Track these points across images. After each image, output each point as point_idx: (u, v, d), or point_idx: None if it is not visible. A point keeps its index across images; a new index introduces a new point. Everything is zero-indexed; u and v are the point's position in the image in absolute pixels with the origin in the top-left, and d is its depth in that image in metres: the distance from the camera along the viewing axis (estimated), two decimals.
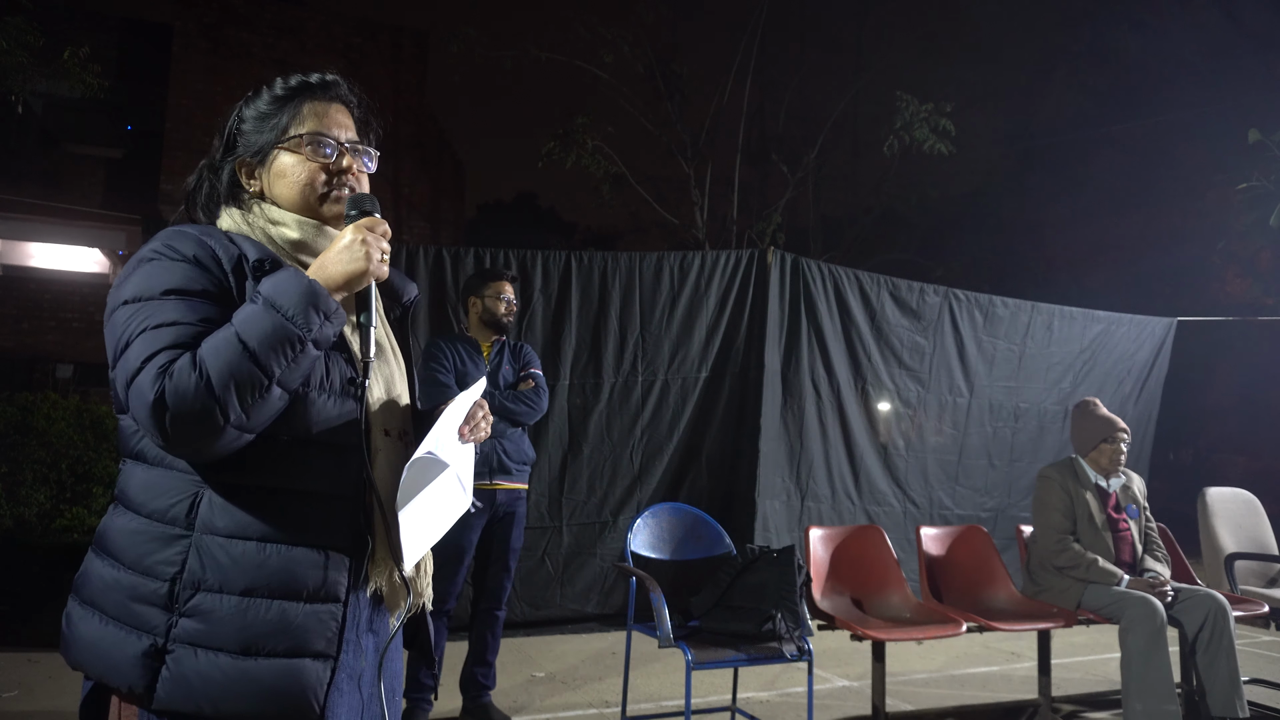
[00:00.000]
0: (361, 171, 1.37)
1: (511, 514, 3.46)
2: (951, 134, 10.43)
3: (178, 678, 1.11)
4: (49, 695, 3.51)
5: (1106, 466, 3.80)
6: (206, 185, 1.37)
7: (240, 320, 1.12)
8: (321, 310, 1.16)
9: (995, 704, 3.98)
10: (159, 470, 1.18)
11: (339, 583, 1.21)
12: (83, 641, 1.16)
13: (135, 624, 1.13)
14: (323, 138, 1.32)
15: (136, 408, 1.09)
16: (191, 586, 1.13)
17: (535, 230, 22.76)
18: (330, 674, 1.18)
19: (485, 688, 3.44)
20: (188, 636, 1.12)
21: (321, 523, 1.20)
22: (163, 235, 1.22)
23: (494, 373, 3.46)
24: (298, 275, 1.18)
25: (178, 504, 1.16)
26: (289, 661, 1.15)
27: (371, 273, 1.22)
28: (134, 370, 1.09)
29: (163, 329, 1.12)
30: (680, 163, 12.12)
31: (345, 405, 1.24)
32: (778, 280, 5.49)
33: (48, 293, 11.05)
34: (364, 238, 1.22)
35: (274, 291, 1.15)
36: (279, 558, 1.16)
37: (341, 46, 12.35)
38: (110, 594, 1.15)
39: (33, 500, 5.40)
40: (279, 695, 1.14)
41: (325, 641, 1.18)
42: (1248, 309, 11.31)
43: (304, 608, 1.17)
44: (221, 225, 1.32)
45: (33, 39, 6.84)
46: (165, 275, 1.17)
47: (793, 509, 5.46)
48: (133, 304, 1.15)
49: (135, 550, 1.15)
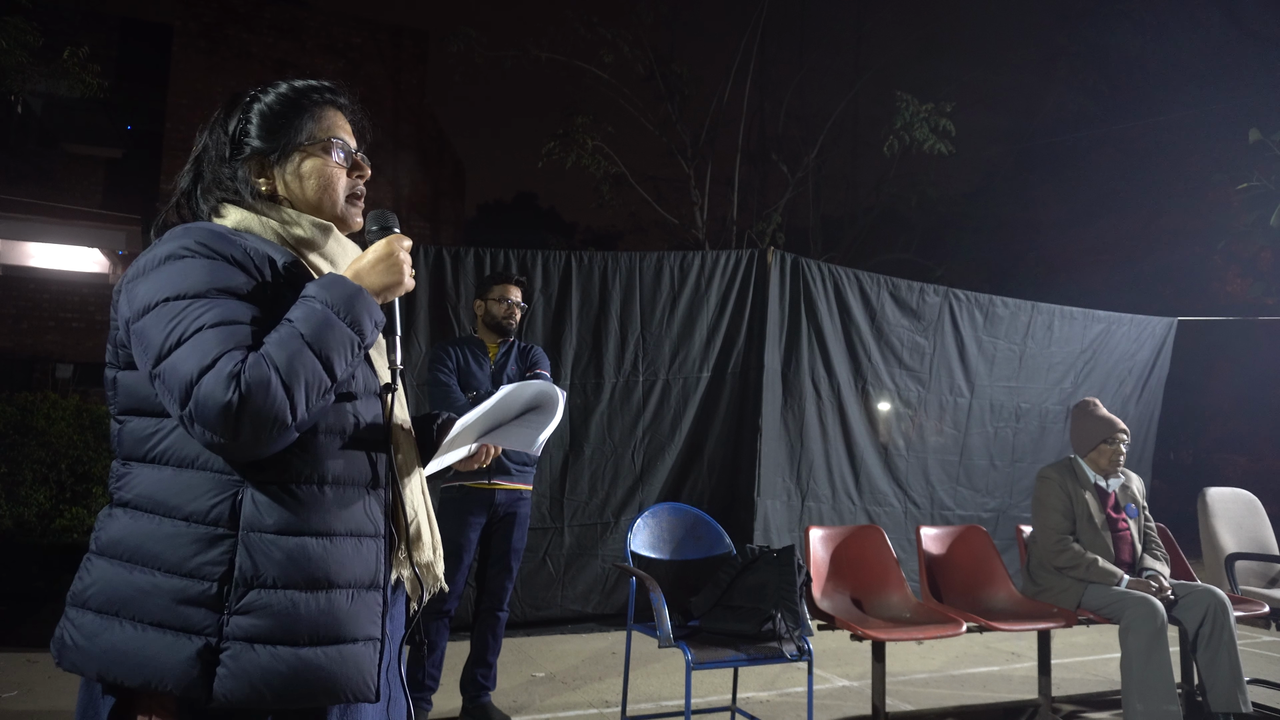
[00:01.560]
0: (365, 177, 1.44)
1: (513, 515, 3.46)
2: (951, 134, 10.43)
3: (237, 674, 1.13)
4: (49, 695, 3.51)
5: (1106, 467, 3.80)
6: (207, 182, 1.36)
7: (301, 321, 1.16)
8: (373, 318, 1.23)
9: (995, 704, 3.98)
10: (190, 473, 1.17)
11: (378, 569, 1.27)
12: (114, 651, 1.13)
13: (183, 626, 1.13)
14: (344, 144, 1.39)
15: (205, 410, 1.08)
16: (243, 584, 1.15)
17: (535, 230, 22.73)
18: (380, 656, 1.24)
19: (485, 688, 3.44)
20: (244, 633, 1.14)
21: (358, 514, 1.25)
22: (191, 232, 1.21)
23: (498, 373, 3.47)
24: (346, 281, 1.24)
25: (219, 504, 1.16)
26: (345, 647, 1.20)
27: (405, 285, 1.31)
28: (195, 372, 1.09)
29: (220, 328, 1.12)
30: (680, 163, 12.12)
31: (371, 402, 1.30)
32: (778, 280, 5.48)
33: (47, 293, 11.04)
34: (400, 253, 1.31)
35: (331, 296, 1.20)
36: (323, 549, 1.20)
37: (341, 46, 12.34)
38: (148, 600, 1.14)
39: (32, 500, 5.40)
40: (341, 681, 1.19)
41: (374, 626, 1.24)
42: (1248, 309, 11.29)
43: (350, 595, 1.22)
44: (226, 223, 1.32)
45: (32, 39, 6.84)
46: (208, 273, 1.17)
47: (793, 509, 5.46)
48: (176, 301, 1.14)
49: (176, 554, 1.15)
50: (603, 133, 11.39)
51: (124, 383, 1.22)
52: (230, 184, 1.34)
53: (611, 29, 11.60)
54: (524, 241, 17.41)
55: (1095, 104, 16.19)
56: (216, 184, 1.35)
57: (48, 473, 5.49)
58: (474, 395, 3.31)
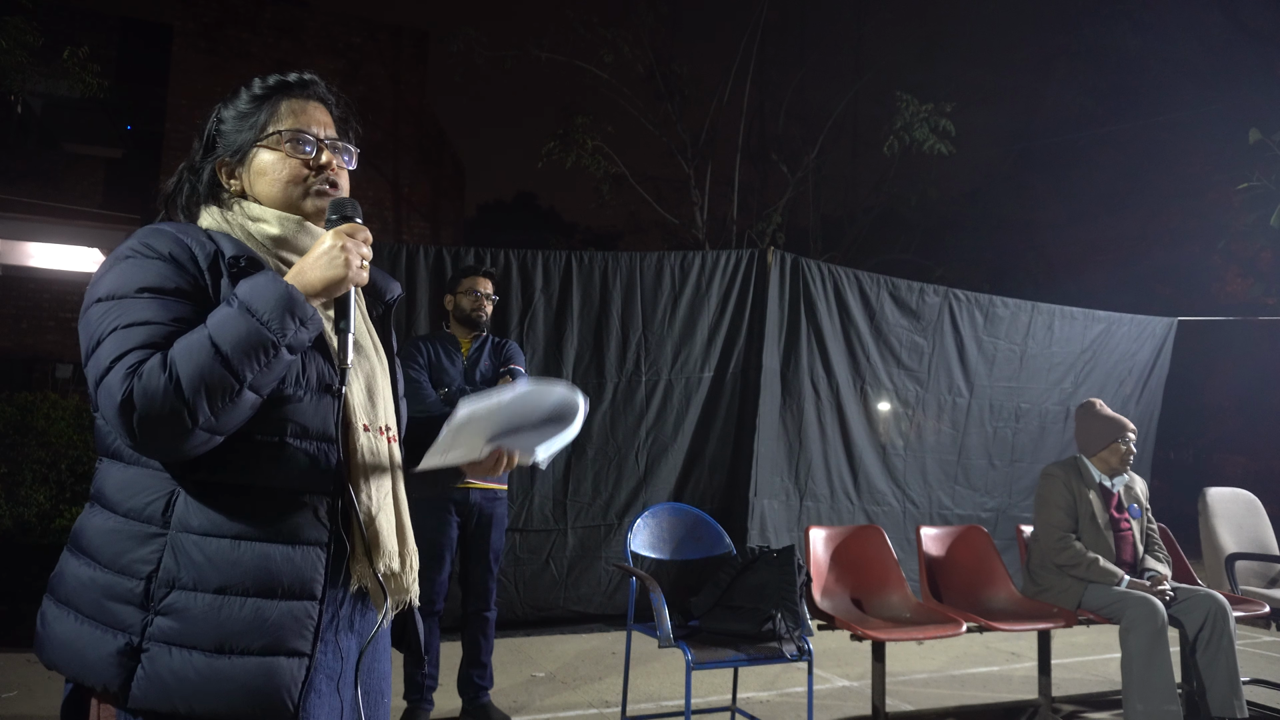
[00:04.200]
0: (342, 168, 1.37)
1: (489, 516, 3.42)
2: (951, 134, 10.42)
3: (152, 676, 1.11)
4: (49, 695, 3.51)
5: (1116, 466, 3.80)
6: (187, 186, 1.37)
7: (214, 323, 1.12)
8: (298, 316, 1.16)
9: (995, 704, 3.98)
10: (135, 469, 1.18)
11: (315, 580, 1.19)
12: (58, 640, 1.16)
13: (111, 623, 1.13)
14: (302, 134, 1.33)
15: (105, 407, 1.09)
16: (166, 585, 1.13)
17: (535, 230, 22.71)
18: (305, 673, 1.17)
19: (483, 688, 3.43)
20: (163, 635, 1.12)
21: (297, 519, 1.19)
22: (140, 233, 1.22)
23: (470, 368, 3.44)
24: (275, 279, 1.18)
25: (153, 502, 1.15)
26: (264, 659, 1.14)
27: (350, 279, 1.23)
28: (104, 369, 1.09)
29: (134, 328, 1.11)
30: (680, 163, 12.11)
31: (322, 403, 1.23)
32: (777, 280, 5.48)
33: (47, 293, 11.04)
34: (344, 244, 1.23)
35: (250, 295, 1.14)
36: (253, 555, 1.15)
37: (341, 46, 12.33)
38: (86, 592, 1.15)
39: (32, 500, 5.40)
40: (253, 694, 1.12)
41: (301, 639, 1.17)
42: (1248, 309, 11.29)
43: (279, 605, 1.16)
44: (201, 224, 1.32)
45: (32, 39, 6.84)
46: (140, 273, 1.17)
47: (791, 509, 5.46)
48: (106, 301, 1.15)
49: (111, 549, 1.15)
50: (603, 133, 11.38)
51: None
52: (197, 185, 1.35)
53: (611, 29, 11.60)
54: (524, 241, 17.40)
55: (1095, 104, 16.19)
56: (193, 184, 1.36)
57: (48, 473, 5.49)
58: (445, 392, 3.30)
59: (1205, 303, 12.32)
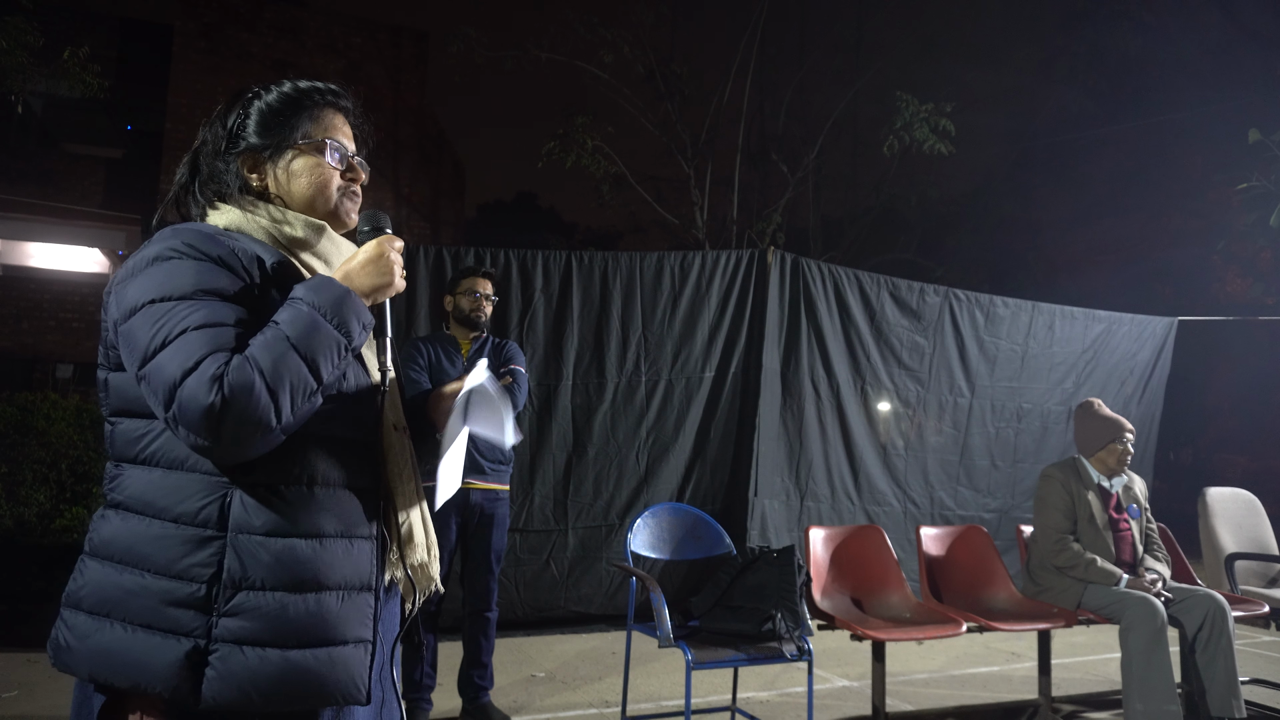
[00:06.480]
0: (362, 181, 1.44)
1: (490, 516, 3.42)
2: (951, 134, 10.42)
3: (225, 676, 1.12)
4: (49, 695, 3.51)
5: (1114, 466, 3.80)
6: (203, 175, 1.36)
7: (287, 324, 1.16)
8: (361, 319, 1.23)
9: (995, 704, 3.98)
10: (178, 474, 1.17)
11: (370, 571, 1.26)
12: (104, 652, 1.14)
13: (171, 628, 1.13)
14: (341, 145, 1.39)
15: (187, 413, 1.08)
16: (232, 586, 1.15)
17: (535, 230, 22.72)
18: (370, 659, 1.24)
19: (483, 688, 3.44)
20: (231, 635, 1.13)
21: (351, 516, 1.25)
22: (180, 233, 1.21)
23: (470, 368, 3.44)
24: (334, 283, 1.23)
25: (207, 506, 1.16)
26: (334, 649, 1.19)
27: (395, 287, 1.31)
28: (178, 374, 1.09)
29: (205, 330, 1.12)
30: (680, 163, 12.11)
31: (362, 404, 1.29)
32: (778, 280, 5.48)
33: (48, 293, 11.04)
34: (390, 254, 1.30)
35: (318, 298, 1.20)
36: (312, 551, 1.19)
37: (341, 46, 12.34)
38: (135, 600, 1.14)
39: (33, 500, 5.40)
40: (327, 683, 1.18)
41: (365, 629, 1.24)
42: (1248, 309, 11.30)
43: (341, 596, 1.21)
44: (217, 222, 1.31)
45: (32, 39, 6.84)
46: (194, 275, 1.17)
47: (792, 509, 5.46)
48: (161, 303, 1.14)
49: (164, 555, 1.15)
50: (602, 133, 11.38)
51: (114, 384, 1.22)
52: (222, 178, 1.34)
53: (611, 29, 11.61)
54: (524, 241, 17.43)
55: (1096, 104, 16.19)
56: (211, 178, 1.35)
57: (48, 473, 5.49)
58: None
59: (1205, 303, 12.33)
